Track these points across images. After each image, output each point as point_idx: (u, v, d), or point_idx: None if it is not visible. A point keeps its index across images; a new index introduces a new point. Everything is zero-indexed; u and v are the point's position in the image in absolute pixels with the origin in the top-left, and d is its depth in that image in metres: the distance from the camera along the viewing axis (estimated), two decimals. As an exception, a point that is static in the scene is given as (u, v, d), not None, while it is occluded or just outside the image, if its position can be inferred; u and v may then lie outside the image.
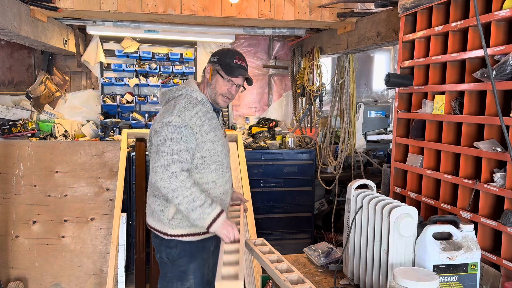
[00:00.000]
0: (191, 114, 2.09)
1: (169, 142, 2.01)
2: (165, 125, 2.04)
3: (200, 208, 1.97)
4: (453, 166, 2.37)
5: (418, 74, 2.63)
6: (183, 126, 2.04)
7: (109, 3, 3.44)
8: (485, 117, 2.07)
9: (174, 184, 1.96)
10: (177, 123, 2.03)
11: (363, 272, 1.87)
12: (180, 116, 2.05)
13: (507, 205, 1.94)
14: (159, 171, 1.98)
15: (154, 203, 2.20)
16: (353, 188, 1.94)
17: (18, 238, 3.83)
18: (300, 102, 5.17)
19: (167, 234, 2.15)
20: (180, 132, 2.03)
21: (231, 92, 2.22)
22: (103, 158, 4.02)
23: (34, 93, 4.69)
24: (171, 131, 2.02)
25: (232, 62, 2.19)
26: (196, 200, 1.98)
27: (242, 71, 2.21)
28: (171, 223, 2.14)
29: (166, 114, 2.07)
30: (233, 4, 3.60)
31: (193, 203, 1.97)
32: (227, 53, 2.22)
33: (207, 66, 2.25)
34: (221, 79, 2.19)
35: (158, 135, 2.04)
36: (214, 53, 2.28)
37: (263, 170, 4.68)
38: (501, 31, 2.05)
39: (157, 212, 2.18)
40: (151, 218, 2.23)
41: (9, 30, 3.07)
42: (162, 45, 5.29)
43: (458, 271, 1.61)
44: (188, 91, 2.19)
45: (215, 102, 2.24)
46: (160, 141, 2.02)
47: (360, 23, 3.77)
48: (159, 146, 2.02)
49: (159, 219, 2.17)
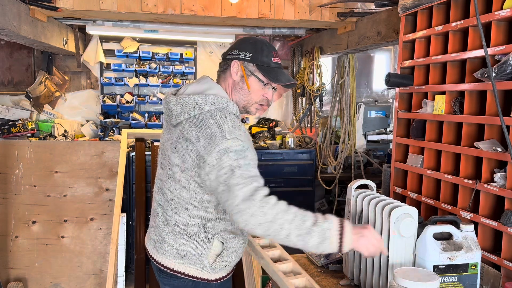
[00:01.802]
0: (243, 133, 1.65)
1: (239, 172, 1.55)
2: (224, 153, 1.57)
3: (316, 227, 1.49)
4: (454, 166, 2.37)
5: (419, 74, 2.62)
6: (246, 149, 1.61)
7: (108, 3, 3.44)
8: (486, 117, 2.07)
9: (270, 214, 1.48)
10: (238, 147, 1.59)
11: (363, 272, 1.86)
12: (237, 138, 1.60)
13: (507, 205, 1.94)
14: (244, 207, 1.48)
15: (188, 246, 1.72)
16: (353, 188, 1.93)
17: (17, 238, 3.82)
18: (300, 102, 5.17)
19: (207, 279, 1.74)
20: (245, 156, 1.60)
21: (268, 99, 1.79)
22: (103, 158, 4.02)
23: (33, 93, 4.69)
24: (234, 157, 1.57)
25: (270, 61, 1.74)
26: (306, 220, 1.50)
27: (286, 75, 1.78)
28: (214, 266, 1.73)
29: (217, 140, 1.58)
30: (233, 4, 3.60)
31: (304, 224, 1.49)
32: (262, 47, 1.74)
33: (233, 64, 1.75)
34: (259, 83, 1.74)
35: (219, 168, 1.56)
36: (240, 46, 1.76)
37: (263, 170, 4.59)
38: (501, 31, 2.04)
39: (193, 257, 1.73)
40: (176, 262, 1.74)
41: (9, 30, 3.07)
42: (162, 45, 5.29)
43: (459, 271, 1.61)
44: (223, 104, 1.69)
45: (245, 111, 1.80)
46: (226, 173, 1.55)
47: (360, 23, 3.76)
48: (228, 180, 1.54)
49: (196, 263, 1.73)
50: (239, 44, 1.77)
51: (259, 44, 1.75)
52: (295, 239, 1.49)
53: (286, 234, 1.48)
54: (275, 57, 1.75)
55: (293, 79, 1.78)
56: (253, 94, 1.75)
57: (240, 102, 1.77)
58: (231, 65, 1.74)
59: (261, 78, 1.73)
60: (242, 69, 1.73)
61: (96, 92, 5.24)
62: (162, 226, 1.78)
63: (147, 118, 5.20)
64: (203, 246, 1.72)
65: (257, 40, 1.78)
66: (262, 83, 1.74)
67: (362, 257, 1.82)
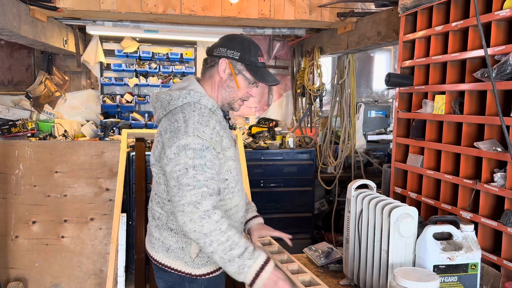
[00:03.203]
0: (209, 130, 1.66)
1: (193, 172, 1.58)
2: (182, 149, 1.61)
3: (239, 259, 1.56)
4: (454, 166, 2.37)
5: (419, 74, 2.62)
6: (205, 149, 1.62)
7: (108, 3, 3.44)
8: (486, 117, 2.07)
9: (206, 227, 1.55)
10: (197, 145, 1.61)
11: (363, 272, 1.86)
12: (198, 135, 1.62)
13: (507, 205, 1.94)
14: (187, 210, 1.55)
15: (170, 239, 1.78)
16: (353, 188, 1.93)
17: (17, 238, 3.82)
18: (300, 102, 5.17)
19: (191, 274, 1.78)
20: (203, 156, 1.61)
21: (251, 95, 1.86)
22: (103, 158, 4.02)
23: (33, 93, 4.69)
24: (191, 156, 1.60)
25: (257, 61, 1.78)
26: (234, 248, 1.56)
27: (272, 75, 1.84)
28: (196, 261, 1.77)
29: (179, 135, 1.62)
30: (233, 4, 3.60)
31: (230, 251, 1.56)
32: (249, 47, 1.78)
33: (221, 62, 1.77)
34: (246, 82, 1.79)
35: (175, 164, 1.61)
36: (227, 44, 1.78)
37: (263, 170, 4.67)
38: (501, 31, 2.05)
39: (175, 250, 1.77)
40: (163, 255, 1.80)
41: (9, 30, 3.07)
42: (162, 45, 5.29)
43: (459, 271, 1.61)
44: (195, 98, 1.73)
45: (229, 107, 1.85)
46: (180, 171, 1.59)
47: (360, 23, 3.76)
48: (181, 178, 1.59)
49: (178, 257, 1.78)
50: (226, 42, 1.80)
51: (246, 43, 1.79)
52: (217, 258, 1.57)
53: (212, 251, 1.57)
54: (261, 57, 1.81)
55: (277, 79, 1.85)
56: (239, 91, 1.81)
57: (226, 98, 1.82)
58: (219, 63, 1.78)
59: (248, 77, 1.78)
60: (230, 68, 1.77)
61: (96, 92, 5.24)
62: (151, 221, 1.86)
63: (147, 118, 5.20)
64: (183, 240, 1.76)
65: (244, 39, 1.82)
66: (248, 82, 1.80)
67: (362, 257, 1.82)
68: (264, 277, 1.57)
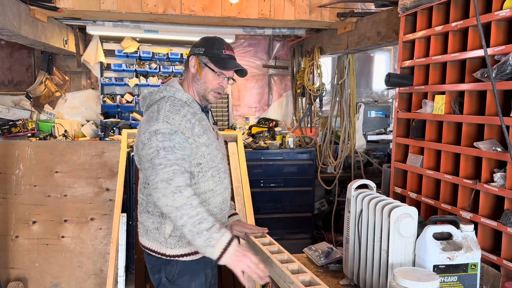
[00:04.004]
0: (178, 117, 1.84)
1: (163, 152, 1.77)
2: (153, 134, 1.79)
3: (207, 232, 1.69)
4: (453, 166, 2.37)
5: (418, 74, 2.62)
6: (173, 132, 1.80)
7: (109, 3, 3.44)
8: (485, 117, 2.07)
9: (178, 201, 1.70)
10: (166, 129, 1.79)
11: (363, 272, 1.86)
12: (167, 121, 1.80)
13: (507, 205, 1.94)
14: (161, 187, 1.72)
15: (148, 221, 1.94)
16: (353, 188, 1.93)
17: (18, 238, 3.83)
18: (300, 102, 5.17)
19: (165, 254, 1.91)
20: (172, 139, 1.79)
21: (222, 87, 1.99)
22: (103, 158, 4.02)
23: (34, 93, 4.69)
24: (161, 139, 1.78)
25: (221, 52, 1.93)
26: (203, 221, 1.70)
27: (235, 62, 1.97)
28: (169, 241, 1.90)
29: (152, 122, 1.82)
30: (233, 4, 3.60)
31: (199, 225, 1.69)
32: (213, 42, 1.95)
33: (191, 59, 1.97)
34: (211, 73, 1.94)
35: (148, 147, 1.80)
36: (197, 43, 1.99)
37: (263, 170, 4.67)
38: (501, 31, 2.05)
39: (152, 231, 1.93)
40: (144, 238, 1.97)
41: (9, 30, 3.07)
42: (162, 45, 5.29)
43: (458, 271, 1.61)
44: (171, 92, 1.93)
45: (204, 99, 2.00)
46: (153, 153, 1.78)
47: (360, 23, 3.76)
48: (153, 159, 1.77)
49: (155, 238, 1.92)
50: (196, 42, 2.00)
51: (211, 40, 1.98)
52: (187, 231, 1.71)
53: (182, 224, 1.71)
54: (226, 50, 1.95)
55: (241, 66, 1.97)
56: (208, 83, 1.95)
57: (199, 91, 1.98)
58: (189, 60, 1.98)
59: (212, 67, 1.93)
60: (197, 63, 1.95)
61: (96, 92, 5.23)
62: (138, 208, 2.02)
63: (147, 118, 5.20)
64: (157, 220, 1.91)
65: (211, 37, 2.00)
66: (214, 72, 1.94)
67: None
68: (231, 252, 1.70)
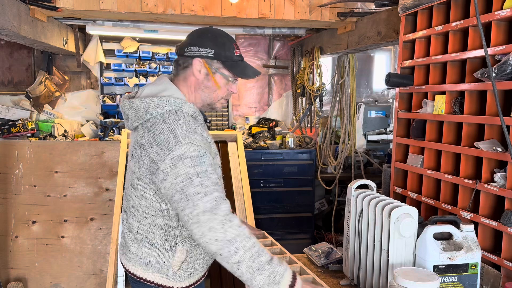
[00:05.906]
0: (199, 137, 1.54)
1: (198, 180, 1.45)
2: (178, 160, 1.46)
3: (269, 265, 1.40)
4: (454, 166, 2.36)
5: (419, 74, 2.62)
6: (203, 155, 1.50)
7: (108, 3, 3.44)
8: (486, 117, 2.07)
9: (230, 233, 1.39)
10: (193, 152, 1.48)
11: (363, 272, 1.86)
12: (192, 143, 1.49)
13: (507, 205, 1.94)
14: (204, 219, 1.40)
15: (151, 254, 1.65)
16: (353, 188, 1.93)
17: (17, 238, 3.82)
18: (300, 102, 5.17)
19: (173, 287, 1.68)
20: (202, 162, 1.49)
21: (232, 92, 1.72)
22: (103, 158, 4.02)
23: (33, 93, 4.69)
24: (191, 164, 1.46)
25: (233, 54, 1.64)
26: (262, 254, 1.41)
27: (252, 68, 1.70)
28: (179, 274, 1.65)
29: (170, 146, 1.49)
30: (233, 3, 3.60)
31: (259, 258, 1.40)
32: (223, 41, 1.64)
33: (195, 62, 1.63)
34: (225, 80, 1.66)
35: (174, 176, 1.46)
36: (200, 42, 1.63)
37: (263, 170, 4.67)
38: (501, 31, 2.04)
39: (156, 265, 1.65)
40: (142, 269, 1.67)
41: (9, 30, 3.07)
42: (162, 45, 5.29)
43: (459, 271, 1.61)
44: (177, 106, 1.60)
45: (210, 108, 1.73)
46: (183, 182, 1.45)
47: (360, 22, 3.76)
48: (186, 189, 1.44)
49: (160, 271, 1.65)
50: (196, 39, 1.65)
51: (219, 38, 1.65)
52: (244, 269, 1.40)
53: (238, 260, 1.39)
54: (236, 49, 1.66)
55: (258, 71, 1.71)
56: (219, 91, 1.68)
57: (205, 100, 1.69)
58: (193, 63, 1.64)
59: (227, 74, 1.65)
60: (206, 67, 1.63)
61: (96, 92, 5.23)
62: (126, 233, 1.73)
63: (147, 118, 5.19)
64: (165, 254, 1.64)
65: (216, 33, 1.68)
66: (227, 79, 1.66)
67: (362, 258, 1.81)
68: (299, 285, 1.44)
